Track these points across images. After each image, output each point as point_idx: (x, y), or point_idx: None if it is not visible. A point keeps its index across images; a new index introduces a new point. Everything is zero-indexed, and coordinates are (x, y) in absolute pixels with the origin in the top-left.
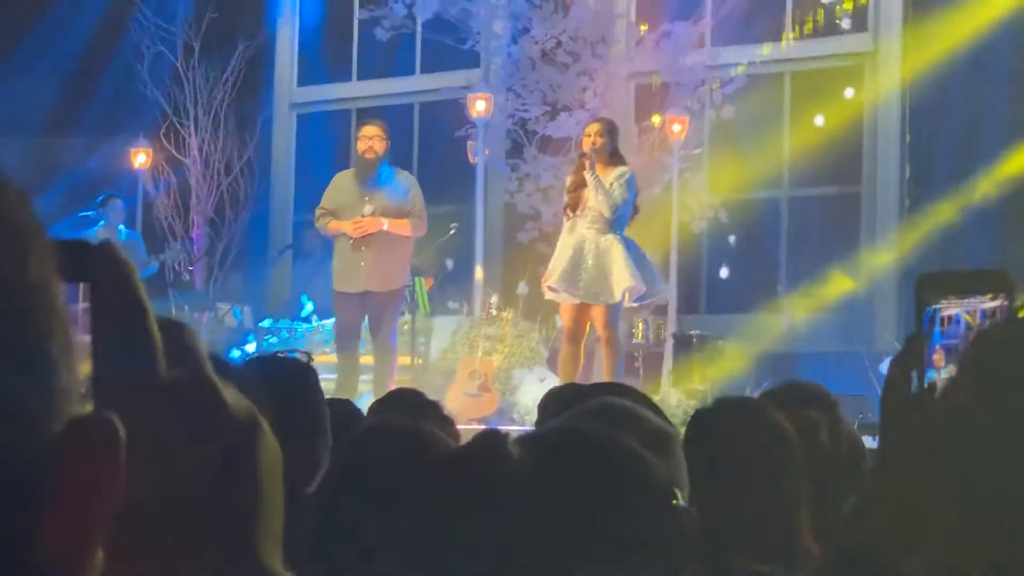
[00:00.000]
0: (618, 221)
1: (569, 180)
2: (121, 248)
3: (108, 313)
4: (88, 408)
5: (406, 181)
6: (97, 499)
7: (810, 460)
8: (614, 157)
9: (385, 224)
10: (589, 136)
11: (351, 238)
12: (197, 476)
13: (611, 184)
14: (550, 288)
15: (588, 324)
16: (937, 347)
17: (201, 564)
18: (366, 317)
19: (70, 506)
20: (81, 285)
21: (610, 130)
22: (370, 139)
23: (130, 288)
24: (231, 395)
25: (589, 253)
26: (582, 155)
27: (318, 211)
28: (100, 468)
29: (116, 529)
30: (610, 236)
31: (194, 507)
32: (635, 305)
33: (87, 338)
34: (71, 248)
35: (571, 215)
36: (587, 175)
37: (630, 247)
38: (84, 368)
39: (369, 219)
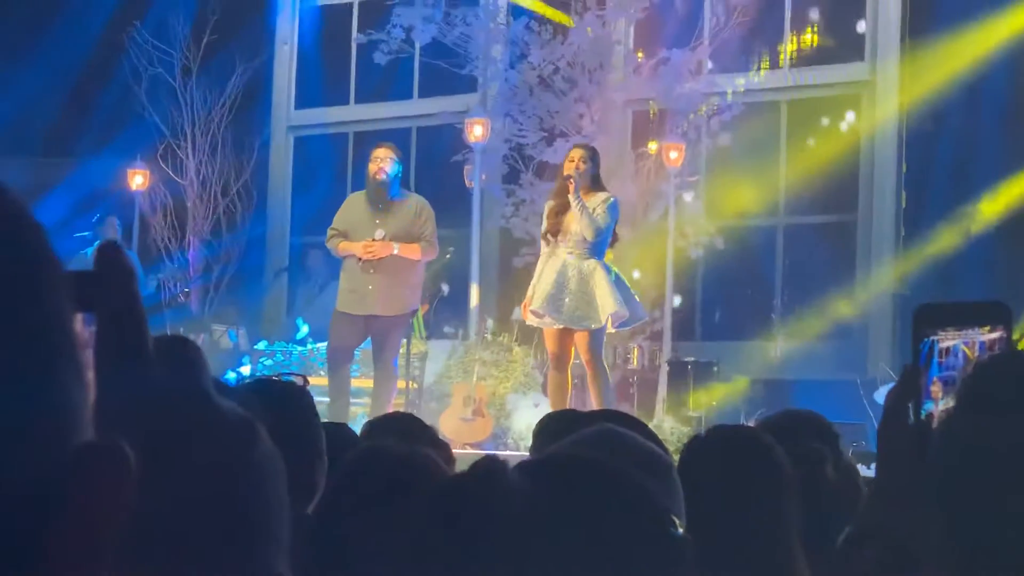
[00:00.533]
0: (599, 246)
1: (550, 205)
2: (123, 253)
3: (107, 320)
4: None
5: (417, 204)
6: (106, 523)
7: (811, 491)
8: (596, 183)
9: (396, 248)
10: (572, 161)
11: (360, 260)
12: (198, 486)
13: (595, 209)
14: (533, 312)
15: (573, 349)
16: (935, 379)
17: (209, 572)
18: (362, 340)
19: (79, 529)
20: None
21: (592, 156)
22: (381, 160)
23: (128, 293)
24: (229, 406)
25: (572, 278)
26: (567, 178)
27: (330, 231)
28: (109, 493)
29: (122, 547)
30: (592, 261)
31: (197, 518)
32: (615, 331)
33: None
34: (85, 279)
35: (552, 240)
36: (572, 199)
37: (610, 273)
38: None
39: (380, 243)
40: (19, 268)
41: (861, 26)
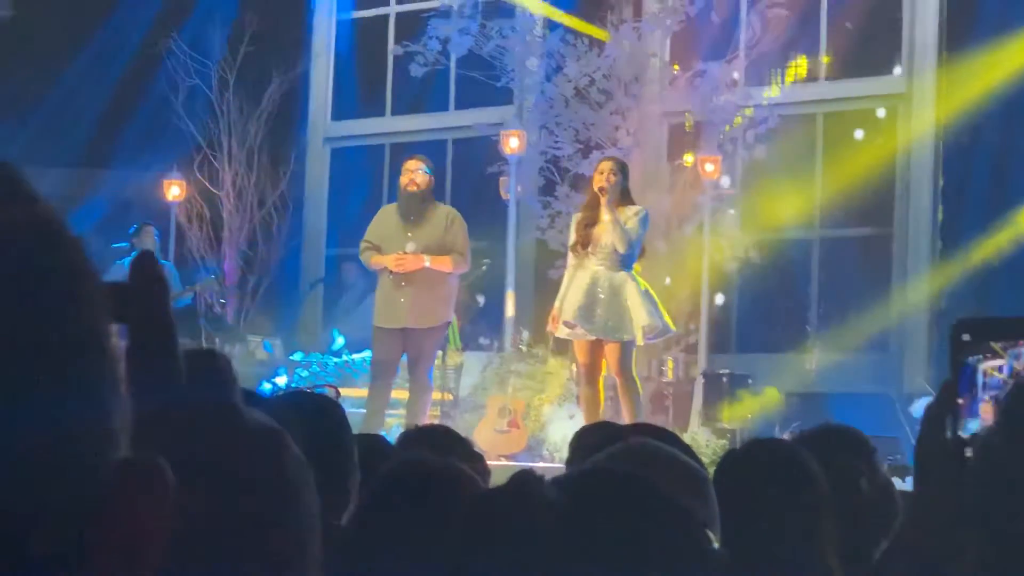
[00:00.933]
0: (629, 258)
1: (579, 217)
2: (157, 265)
3: (138, 332)
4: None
5: (449, 216)
6: (147, 539)
7: (846, 506)
8: (625, 195)
9: (427, 261)
10: (603, 173)
11: (392, 273)
12: (226, 498)
13: (627, 221)
14: (566, 324)
15: (603, 362)
16: (986, 398)
17: None
18: (402, 353)
19: (120, 545)
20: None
21: (622, 168)
22: (412, 172)
23: (159, 305)
24: (257, 417)
25: (603, 289)
26: (601, 190)
27: (362, 244)
28: (150, 510)
29: (162, 563)
30: (623, 273)
31: (226, 530)
32: (645, 343)
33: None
34: (122, 291)
35: (581, 252)
36: (604, 211)
37: (639, 285)
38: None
39: (412, 256)
40: (57, 281)
41: (898, 38)
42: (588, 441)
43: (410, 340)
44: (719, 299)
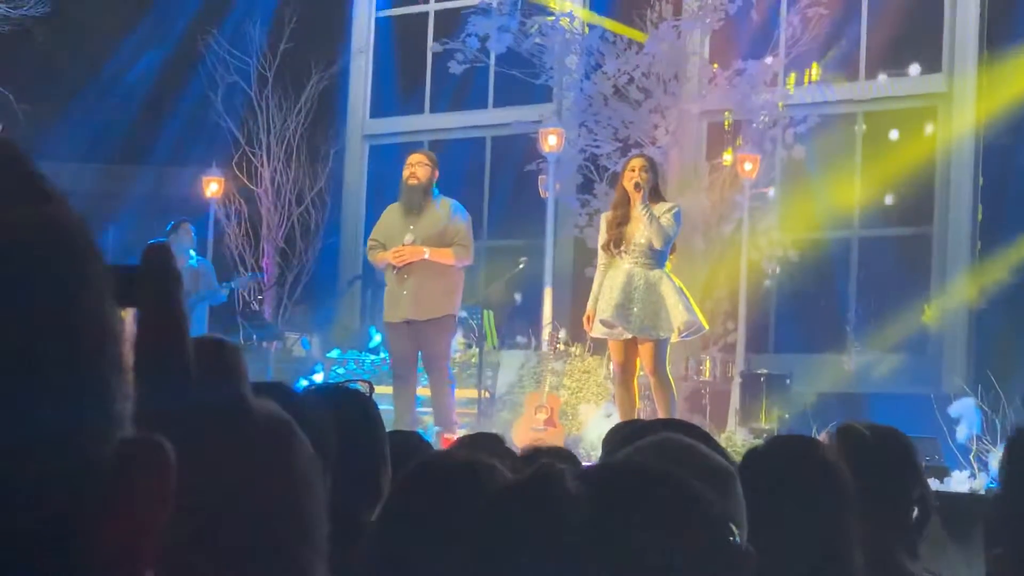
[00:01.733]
0: (663, 256)
1: (609, 216)
2: (172, 254)
3: (147, 320)
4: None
5: (450, 208)
6: (149, 520)
7: (875, 507)
8: (656, 193)
9: (427, 253)
10: (634, 171)
11: (396, 268)
12: (229, 487)
13: (661, 217)
14: (604, 323)
15: (638, 361)
16: None
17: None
18: (416, 348)
19: (123, 527)
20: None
21: (652, 166)
22: (413, 166)
23: (171, 299)
24: (266, 407)
25: (639, 287)
26: (637, 187)
27: (369, 242)
28: (151, 489)
29: (164, 548)
30: (658, 271)
31: (229, 518)
32: (680, 340)
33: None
34: (129, 273)
35: (614, 251)
36: (640, 208)
37: (673, 282)
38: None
39: (410, 247)
40: (62, 263)
41: (938, 38)
42: (618, 438)
43: (417, 334)
44: (756, 299)
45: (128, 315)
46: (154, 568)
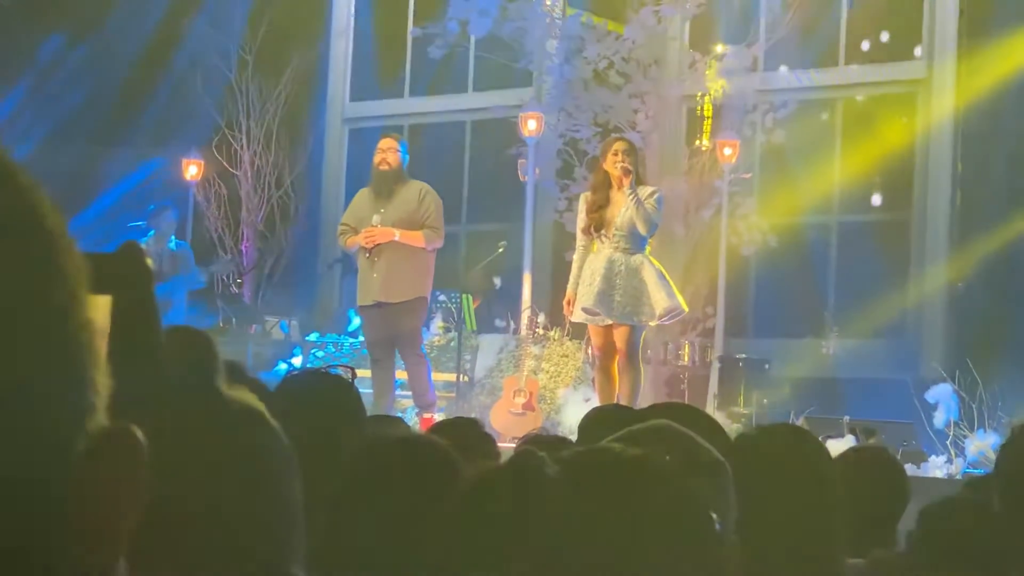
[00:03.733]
0: (644, 240)
1: (591, 199)
2: (145, 253)
3: (120, 316)
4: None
5: (421, 191)
6: (121, 509)
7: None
8: (638, 177)
9: (397, 234)
10: (618, 155)
11: (368, 252)
12: (206, 482)
13: (645, 201)
14: (585, 310)
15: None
16: None
17: (218, 570)
18: (390, 331)
19: (96, 517)
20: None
21: (634, 149)
22: (384, 151)
23: (142, 293)
24: (241, 400)
25: (620, 273)
26: (626, 171)
27: (340, 227)
28: (124, 479)
29: (137, 537)
30: (639, 255)
31: (207, 513)
32: (658, 324)
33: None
34: (102, 260)
35: (594, 235)
36: (627, 192)
37: (654, 266)
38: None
39: (381, 229)
40: (33, 251)
41: (918, 24)
42: (597, 423)
43: (388, 316)
44: (735, 284)
45: (104, 304)
46: (126, 557)
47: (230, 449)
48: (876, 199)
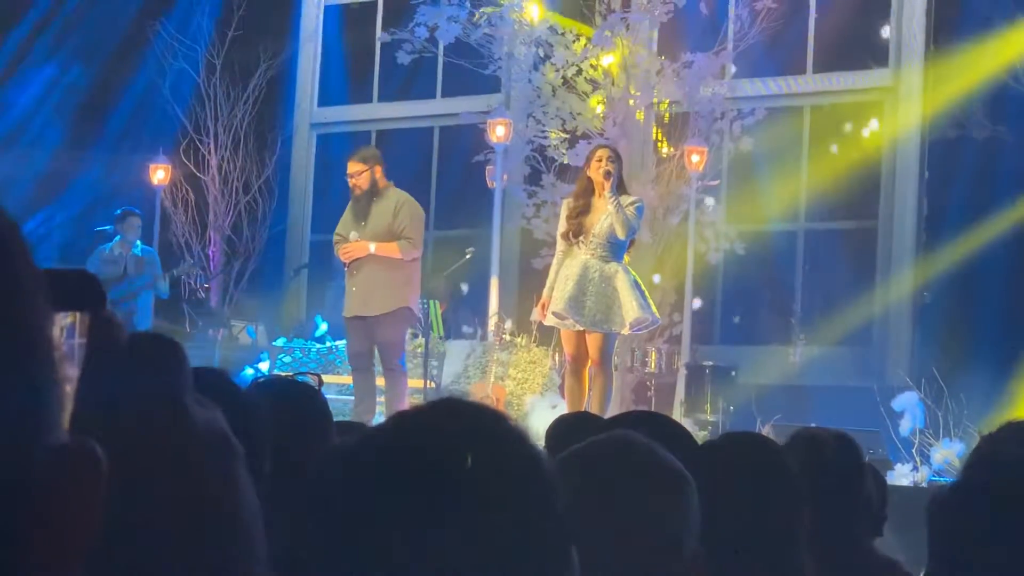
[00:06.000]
0: (621, 248)
1: (571, 205)
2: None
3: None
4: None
5: (397, 202)
6: (79, 522)
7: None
8: (620, 185)
9: (372, 247)
10: (600, 161)
11: (346, 264)
12: (169, 501)
13: (627, 208)
14: (556, 314)
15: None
16: None
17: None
18: (372, 341)
19: (52, 528)
20: (77, 319)
21: (618, 156)
22: (352, 176)
23: (105, 316)
24: (206, 419)
25: (593, 280)
26: (608, 174)
27: (334, 236)
28: (82, 493)
29: (94, 552)
30: (614, 264)
31: (160, 521)
32: (630, 333)
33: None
34: (61, 278)
35: (572, 241)
36: (608, 197)
37: (630, 275)
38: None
39: (355, 244)
40: None
41: (885, 32)
42: (563, 431)
43: (369, 328)
44: (695, 304)
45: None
46: (82, 571)
47: (194, 470)
48: (843, 207)
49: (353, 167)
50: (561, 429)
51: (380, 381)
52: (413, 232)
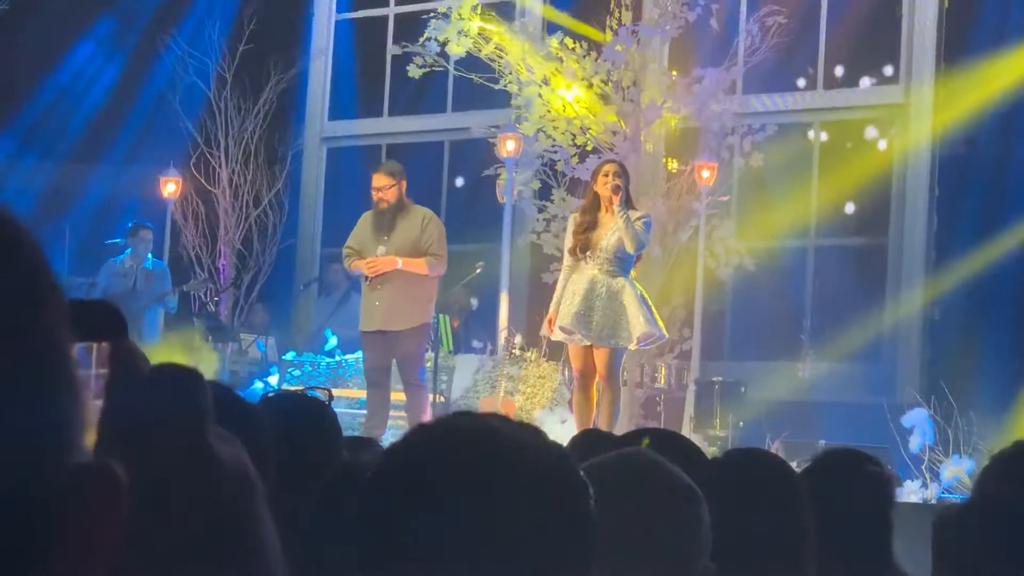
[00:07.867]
0: (629, 263)
1: (579, 220)
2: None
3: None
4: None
5: (424, 219)
6: (100, 541)
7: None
8: (628, 199)
9: (399, 263)
10: (608, 176)
11: (368, 278)
12: (191, 534)
13: (635, 222)
14: (563, 329)
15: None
16: None
17: None
18: (391, 356)
19: (75, 547)
20: (95, 350)
21: (625, 171)
22: (380, 190)
23: (127, 347)
24: (231, 455)
25: (600, 295)
26: (616, 188)
27: (345, 249)
28: (104, 513)
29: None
30: (621, 279)
31: (191, 562)
32: (638, 348)
33: (98, 402)
34: (85, 308)
35: (580, 256)
36: (617, 212)
37: (637, 291)
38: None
39: (383, 258)
40: (19, 290)
41: (896, 49)
42: (580, 448)
43: (391, 343)
44: (712, 307)
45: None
46: None
47: (215, 506)
48: (853, 223)
49: (381, 180)
50: (579, 447)
51: (395, 396)
52: (440, 249)
